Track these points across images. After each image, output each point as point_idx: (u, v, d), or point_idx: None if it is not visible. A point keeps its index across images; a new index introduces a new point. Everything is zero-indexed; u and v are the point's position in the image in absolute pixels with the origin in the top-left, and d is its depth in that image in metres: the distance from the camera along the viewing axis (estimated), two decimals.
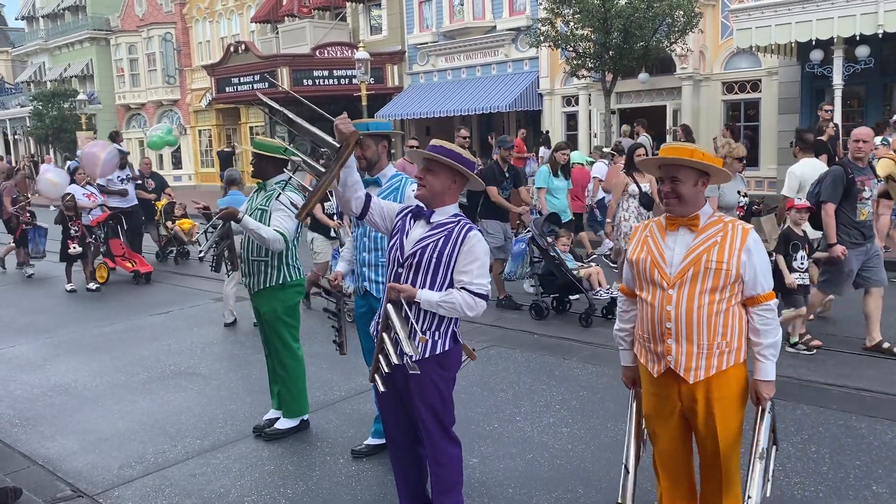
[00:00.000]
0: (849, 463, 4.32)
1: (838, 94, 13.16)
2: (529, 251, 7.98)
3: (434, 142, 3.38)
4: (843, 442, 4.62)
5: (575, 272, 7.76)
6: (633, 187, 7.76)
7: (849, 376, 5.77)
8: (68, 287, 10.66)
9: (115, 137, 14.34)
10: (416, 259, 3.31)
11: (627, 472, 3.34)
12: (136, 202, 12.25)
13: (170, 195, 13.38)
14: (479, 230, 3.41)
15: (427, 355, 3.35)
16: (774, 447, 3.31)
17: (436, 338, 3.36)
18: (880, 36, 12.30)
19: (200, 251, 5.00)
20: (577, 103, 19.58)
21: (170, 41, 31.94)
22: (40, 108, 33.67)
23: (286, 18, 25.82)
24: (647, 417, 3.28)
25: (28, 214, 12.13)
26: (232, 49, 24.04)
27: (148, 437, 5.18)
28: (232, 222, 4.81)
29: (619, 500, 3.36)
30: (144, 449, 4.97)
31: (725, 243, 2.90)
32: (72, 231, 10.65)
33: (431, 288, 3.29)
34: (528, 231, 7.99)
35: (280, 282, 4.94)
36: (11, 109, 41.31)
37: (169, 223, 12.83)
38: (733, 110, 17.53)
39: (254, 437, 5.08)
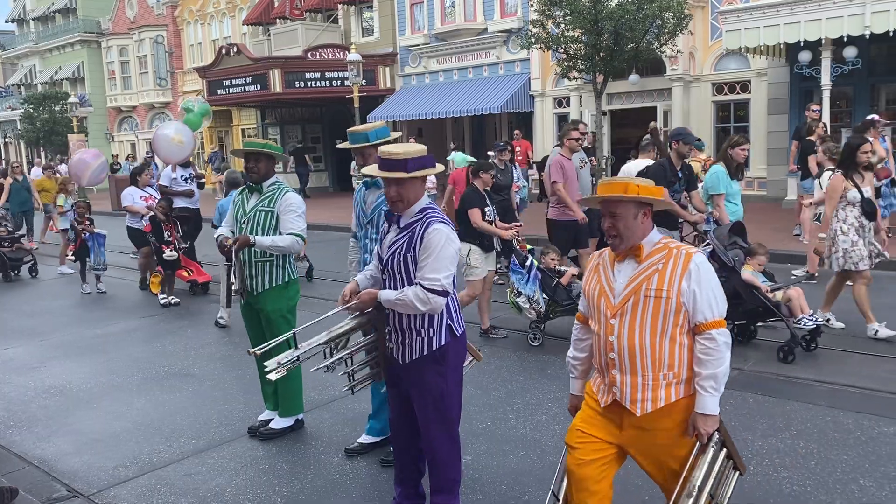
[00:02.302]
0: (836, 457, 4.38)
1: (826, 94, 13.30)
2: None
3: (379, 151, 3.43)
4: (830, 437, 4.68)
5: (770, 295, 6.42)
6: (852, 193, 6.56)
7: (837, 373, 5.85)
8: (172, 300, 9.55)
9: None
10: (390, 265, 3.41)
11: (556, 499, 3.24)
12: (198, 205, 11.18)
13: None
14: (444, 221, 3.38)
15: (425, 352, 3.41)
16: (735, 473, 3.10)
17: (430, 334, 3.41)
18: (867, 37, 12.44)
19: (233, 284, 4.95)
20: (568, 105, 19.67)
21: (161, 44, 31.93)
22: (31, 110, 33.57)
23: (278, 21, 25.86)
24: (574, 433, 3.06)
25: (87, 221, 10.80)
26: (224, 51, 24.04)
27: (143, 437, 5.21)
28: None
29: None
30: (140, 449, 5.00)
31: (667, 270, 2.80)
32: (165, 235, 9.74)
33: None
34: (708, 244, 6.75)
35: (285, 280, 5.00)
36: (2, 112, 41.19)
37: None
38: (723, 111, 17.66)
39: (248, 437, 5.11)
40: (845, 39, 12.75)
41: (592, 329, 3.03)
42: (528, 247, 7.22)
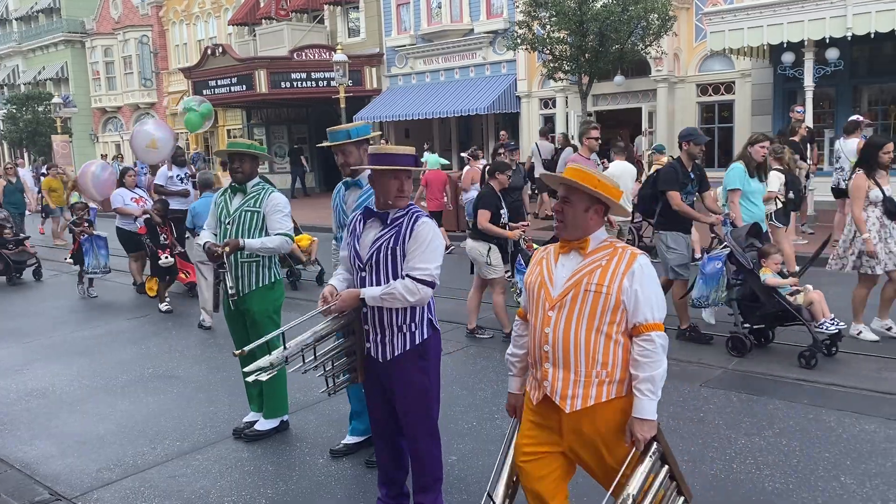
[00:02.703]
0: (818, 455, 4.43)
1: (809, 95, 13.39)
2: (726, 271, 6.49)
3: (379, 149, 3.45)
4: (812, 435, 4.73)
5: (791, 298, 6.25)
6: (875, 192, 6.44)
7: (819, 371, 5.90)
8: (163, 307, 9.22)
9: None
10: (374, 260, 3.39)
11: (492, 501, 3.14)
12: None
13: None
14: (428, 216, 3.42)
15: (408, 347, 3.42)
16: (680, 500, 3.01)
17: (412, 329, 3.42)
18: (849, 39, 12.54)
19: (231, 289, 4.88)
20: (554, 105, 19.73)
21: (146, 44, 31.73)
22: (14, 111, 33.27)
23: (264, 21, 25.76)
24: (520, 452, 3.02)
25: (86, 223, 10.50)
26: (209, 52, 23.92)
27: (127, 439, 5.18)
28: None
29: None
30: (123, 451, 4.97)
31: (609, 266, 2.78)
32: (161, 239, 9.43)
33: None
34: (725, 246, 6.55)
35: (271, 280, 5.00)
36: None
37: None
38: (707, 112, 17.77)
39: (233, 439, 5.09)
40: (828, 41, 12.85)
41: (529, 321, 2.98)
42: (535, 246, 7.23)
